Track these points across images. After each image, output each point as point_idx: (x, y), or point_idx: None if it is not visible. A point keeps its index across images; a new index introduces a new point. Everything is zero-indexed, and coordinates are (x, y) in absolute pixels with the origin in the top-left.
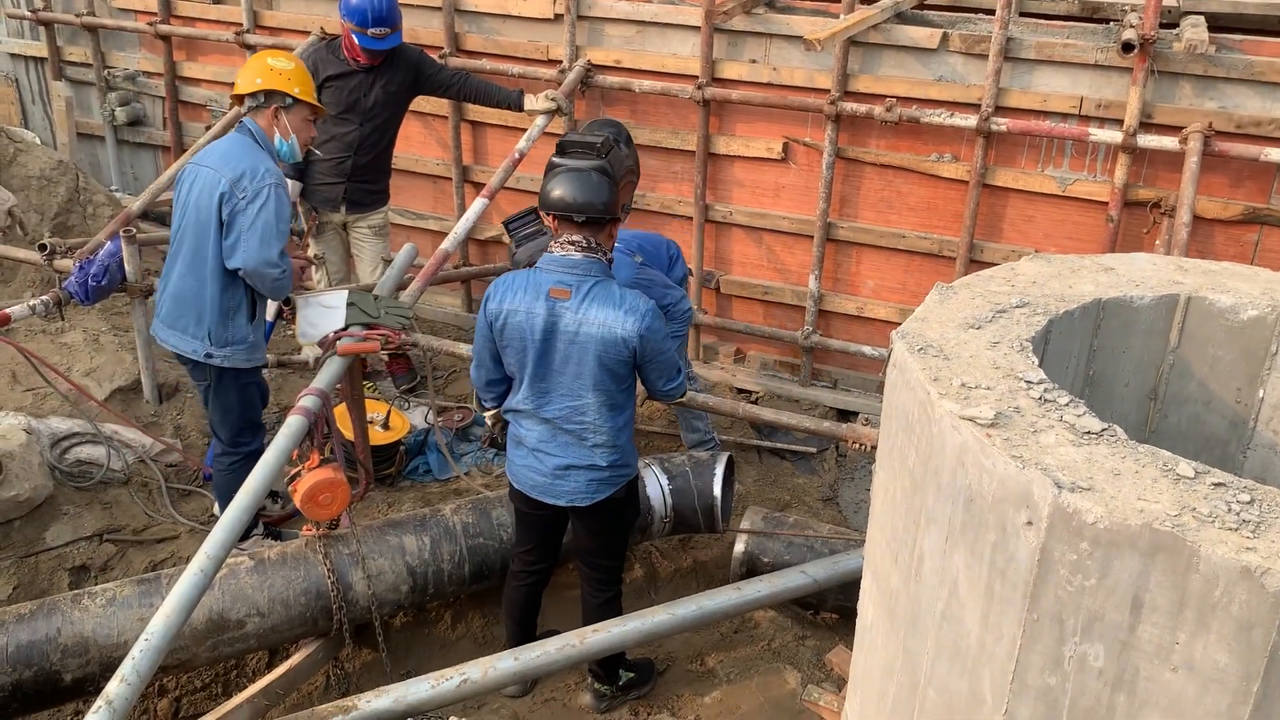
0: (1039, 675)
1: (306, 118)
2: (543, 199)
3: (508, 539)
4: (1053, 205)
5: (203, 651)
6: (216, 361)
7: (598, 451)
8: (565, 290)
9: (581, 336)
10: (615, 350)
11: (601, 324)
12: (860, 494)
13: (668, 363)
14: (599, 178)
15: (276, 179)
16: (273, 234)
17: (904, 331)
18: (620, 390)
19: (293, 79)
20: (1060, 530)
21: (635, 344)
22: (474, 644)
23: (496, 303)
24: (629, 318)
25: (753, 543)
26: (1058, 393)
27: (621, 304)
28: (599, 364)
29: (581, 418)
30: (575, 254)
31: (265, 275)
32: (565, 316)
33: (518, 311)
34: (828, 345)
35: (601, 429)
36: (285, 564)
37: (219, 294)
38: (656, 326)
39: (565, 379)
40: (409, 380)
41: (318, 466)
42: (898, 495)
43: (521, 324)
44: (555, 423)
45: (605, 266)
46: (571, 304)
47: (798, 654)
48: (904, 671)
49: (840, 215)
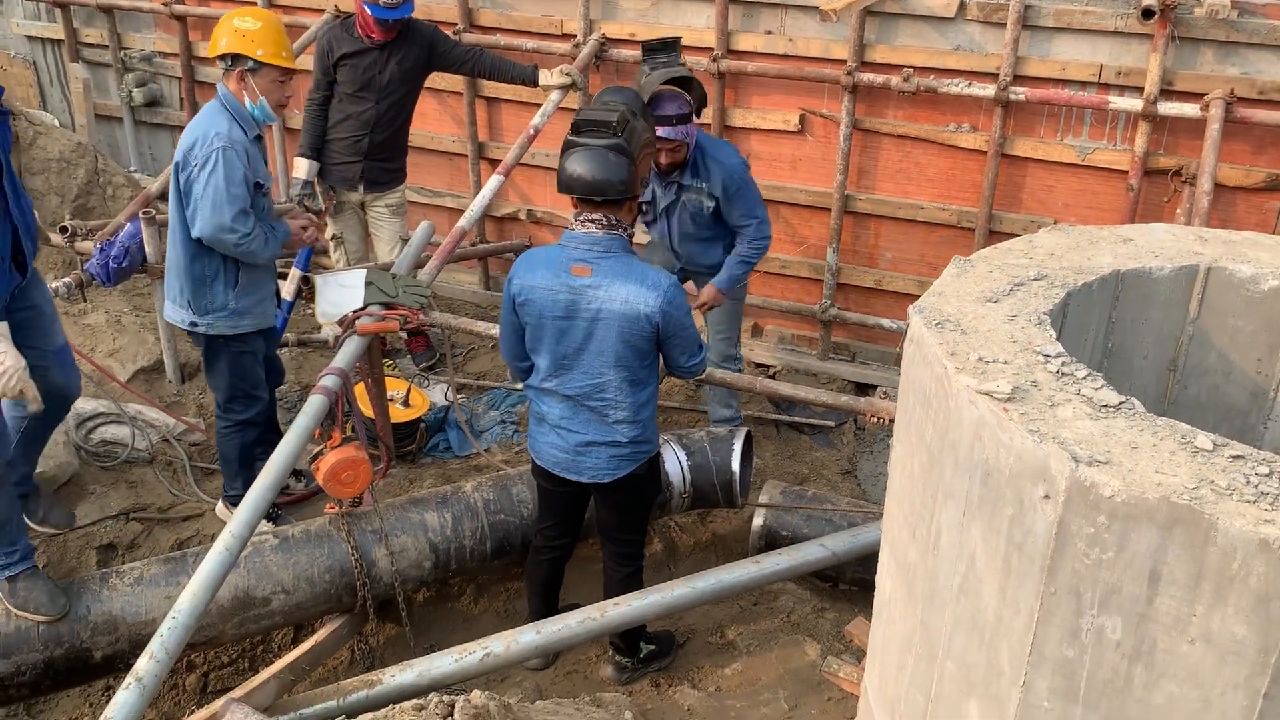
0: (1057, 647)
1: (276, 79)
2: (560, 180)
3: (528, 515)
4: (1072, 175)
5: (229, 628)
6: (201, 329)
7: (619, 428)
8: (586, 268)
9: (603, 313)
10: (637, 326)
11: (623, 300)
12: (879, 467)
13: (689, 338)
14: (616, 157)
15: (225, 142)
16: (224, 199)
17: (921, 306)
18: (642, 367)
19: (257, 40)
20: (1078, 504)
21: (657, 319)
22: (496, 618)
23: (519, 280)
24: (651, 293)
25: (771, 516)
26: (1075, 366)
27: (643, 280)
28: (620, 340)
29: (603, 394)
30: (596, 231)
31: (224, 242)
32: (586, 294)
33: (539, 289)
34: (846, 318)
35: (623, 405)
36: (309, 541)
37: (190, 263)
38: (679, 302)
39: (586, 356)
40: (428, 358)
41: (339, 445)
42: (915, 469)
43: (543, 301)
44: (577, 399)
45: (626, 243)
46: (592, 281)
47: (817, 626)
48: (922, 644)
49: (858, 187)
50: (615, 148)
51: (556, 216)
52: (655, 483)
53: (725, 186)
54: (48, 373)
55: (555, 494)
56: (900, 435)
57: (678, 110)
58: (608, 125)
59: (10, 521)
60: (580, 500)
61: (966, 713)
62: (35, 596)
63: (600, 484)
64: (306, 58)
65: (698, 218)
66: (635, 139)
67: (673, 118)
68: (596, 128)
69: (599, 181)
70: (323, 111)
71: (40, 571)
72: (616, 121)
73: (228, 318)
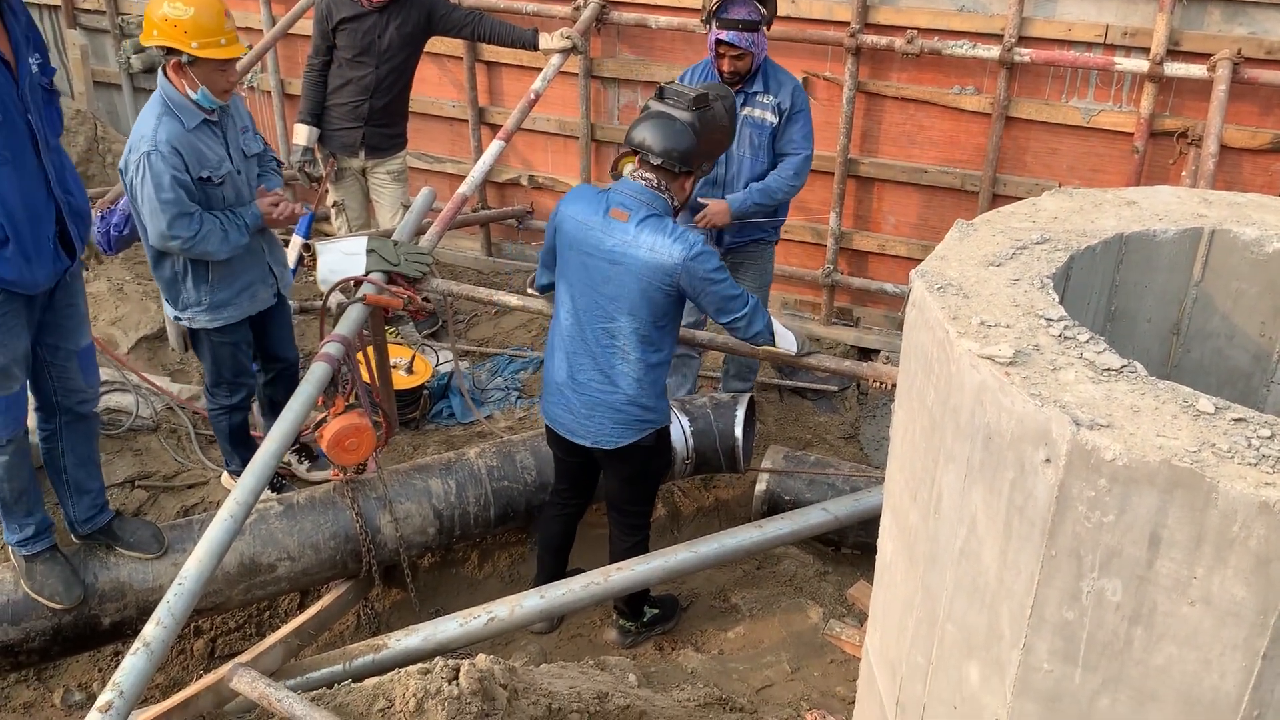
0: (1057, 610)
1: (216, 68)
2: (627, 136)
3: (532, 481)
4: (1077, 137)
5: (236, 594)
6: (184, 322)
7: (623, 385)
8: (624, 212)
9: (627, 258)
10: (657, 277)
11: (650, 248)
12: (881, 431)
13: (721, 295)
14: (683, 127)
15: (149, 146)
16: (155, 207)
17: (923, 270)
18: (656, 325)
19: (190, 31)
20: (1079, 467)
21: (678, 275)
22: (501, 583)
23: (563, 207)
24: (676, 246)
25: (774, 481)
26: (1078, 330)
27: (673, 234)
28: (639, 287)
29: (612, 341)
30: (645, 186)
31: (171, 248)
32: (617, 236)
33: (574, 220)
34: (849, 283)
35: (630, 358)
36: (314, 508)
37: (154, 266)
38: (706, 262)
39: (602, 298)
40: (431, 325)
41: (343, 412)
42: (917, 434)
43: (574, 233)
44: (587, 345)
45: (668, 207)
46: (626, 227)
47: (819, 589)
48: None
49: (861, 151)
50: (687, 120)
51: (558, 182)
52: (663, 457)
53: (794, 100)
54: (67, 375)
55: (566, 462)
56: (902, 399)
57: (747, 16)
58: (687, 98)
59: (26, 493)
60: (591, 468)
61: (967, 675)
62: (51, 584)
63: (605, 451)
64: (305, 23)
65: (758, 137)
66: (710, 122)
67: (739, 23)
68: (676, 97)
69: (659, 145)
70: (322, 77)
71: (60, 554)
72: (697, 97)
73: (205, 312)
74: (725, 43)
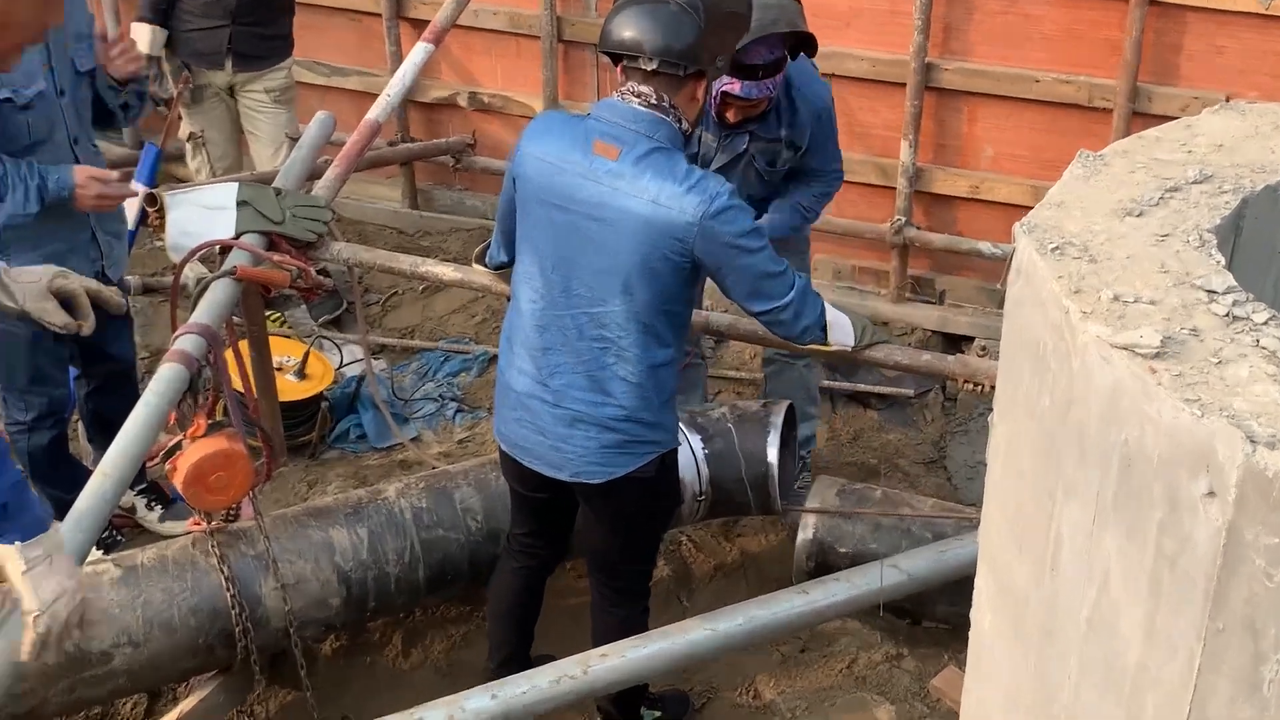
0: (1226, 707)
1: None
2: (602, 35)
3: (476, 529)
4: (1253, 29)
5: (54, 696)
6: None
7: (618, 400)
8: (614, 147)
9: (619, 211)
10: (662, 240)
11: (651, 199)
12: (978, 454)
13: (753, 272)
14: (681, 13)
15: None
16: None
17: (1033, 222)
18: (661, 312)
19: None
20: (1255, 503)
21: (692, 236)
22: (435, 675)
23: (526, 141)
24: (691, 197)
25: (825, 527)
26: (1253, 306)
27: (687, 179)
28: (638, 254)
29: (601, 332)
30: (639, 106)
31: None
32: (603, 180)
33: (544, 160)
34: (928, 241)
35: (627, 357)
36: (166, 572)
37: None
38: (733, 223)
39: (586, 272)
40: (331, 308)
41: (205, 435)
42: (1024, 457)
43: (539, 178)
44: (565, 338)
45: (676, 134)
46: (617, 166)
47: (891, 680)
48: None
49: (944, 52)
50: (683, 2)
51: (511, 102)
52: (671, 494)
53: (814, 132)
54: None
55: (529, 500)
56: (1004, 408)
57: (769, 55)
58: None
59: None
60: (565, 507)
61: None
62: None
63: (587, 485)
64: None
65: (768, 174)
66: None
67: (759, 69)
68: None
69: (651, 42)
70: None
71: None
72: None
73: None
74: (735, 96)
